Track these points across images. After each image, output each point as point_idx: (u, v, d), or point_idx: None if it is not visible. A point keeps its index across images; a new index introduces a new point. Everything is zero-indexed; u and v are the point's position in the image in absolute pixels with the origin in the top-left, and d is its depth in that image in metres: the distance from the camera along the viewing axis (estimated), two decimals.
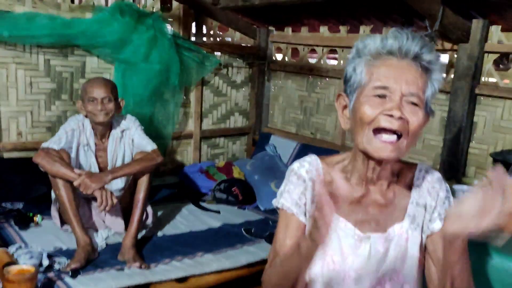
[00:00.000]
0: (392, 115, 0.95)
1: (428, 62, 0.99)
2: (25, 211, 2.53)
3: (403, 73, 0.97)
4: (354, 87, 1.03)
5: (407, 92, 0.96)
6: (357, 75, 1.02)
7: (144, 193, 2.30)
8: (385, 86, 0.97)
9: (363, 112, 0.98)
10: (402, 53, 0.99)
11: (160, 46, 3.07)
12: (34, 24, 2.64)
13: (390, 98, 0.97)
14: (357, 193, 1.09)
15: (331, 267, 1.09)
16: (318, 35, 3.33)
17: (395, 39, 0.99)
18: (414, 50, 0.98)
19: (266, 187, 3.04)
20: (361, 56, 1.02)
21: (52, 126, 2.92)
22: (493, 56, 2.46)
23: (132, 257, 2.10)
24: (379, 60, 1.00)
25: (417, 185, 1.11)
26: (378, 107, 0.97)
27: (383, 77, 0.98)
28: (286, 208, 1.11)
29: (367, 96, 0.99)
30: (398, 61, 0.99)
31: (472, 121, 2.56)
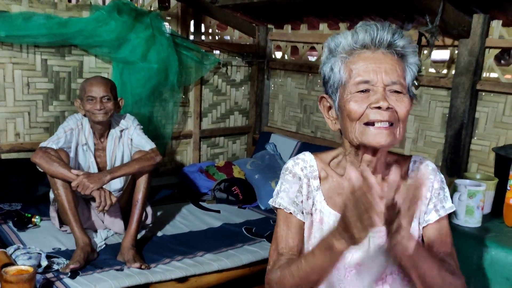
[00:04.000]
0: (380, 107, 0.96)
1: (402, 48, 1.00)
2: (23, 212, 2.51)
3: (380, 63, 0.98)
4: (335, 87, 1.04)
5: (389, 81, 0.98)
6: (336, 74, 1.02)
7: (143, 193, 2.28)
8: (366, 80, 0.98)
9: (350, 109, 0.99)
10: (375, 44, 0.99)
11: (158, 45, 3.05)
12: (31, 24, 2.62)
13: (373, 91, 0.98)
14: None
15: None
16: (318, 32, 3.31)
17: (365, 32, 0.99)
18: (387, 38, 0.99)
19: (267, 186, 3.02)
20: (336, 55, 1.02)
21: (50, 126, 2.91)
22: (494, 51, 2.44)
23: (132, 257, 2.08)
24: (354, 55, 1.00)
25: (412, 177, 1.11)
26: (364, 102, 0.98)
27: (362, 71, 0.98)
28: (283, 207, 1.11)
29: (350, 93, 0.99)
30: (373, 53, 0.99)
31: (473, 117, 2.54)
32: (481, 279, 1.72)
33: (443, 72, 2.66)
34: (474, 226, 1.83)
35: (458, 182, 1.85)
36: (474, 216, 1.82)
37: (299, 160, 1.14)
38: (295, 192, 1.11)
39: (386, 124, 0.98)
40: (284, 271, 1.03)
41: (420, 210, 1.09)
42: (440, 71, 2.67)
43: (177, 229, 2.55)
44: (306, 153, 1.15)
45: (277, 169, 3.19)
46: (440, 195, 1.11)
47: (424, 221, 1.10)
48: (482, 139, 2.53)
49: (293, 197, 1.11)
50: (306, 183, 1.12)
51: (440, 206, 1.10)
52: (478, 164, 2.55)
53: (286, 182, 1.13)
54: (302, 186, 1.11)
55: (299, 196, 1.11)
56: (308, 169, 1.12)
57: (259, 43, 3.68)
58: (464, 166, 2.56)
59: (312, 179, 1.11)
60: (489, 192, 1.94)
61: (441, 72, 2.67)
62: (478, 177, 2.05)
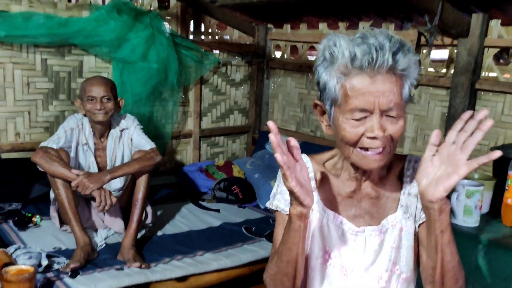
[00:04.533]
0: (375, 137, 0.94)
1: (403, 70, 0.93)
2: (24, 211, 2.52)
3: (378, 88, 0.92)
4: (329, 101, 0.99)
5: (386, 107, 0.93)
6: (330, 90, 0.97)
7: (143, 192, 2.28)
8: (363, 108, 0.93)
9: (344, 135, 0.97)
10: (374, 69, 0.91)
11: (158, 44, 3.05)
12: (31, 24, 2.63)
13: (370, 118, 0.94)
14: (348, 189, 1.09)
15: (329, 263, 1.11)
16: (317, 32, 3.31)
17: (363, 53, 0.90)
18: (388, 63, 0.91)
19: (266, 186, 3.03)
20: (332, 68, 0.95)
21: (50, 126, 2.91)
22: (493, 50, 2.45)
23: (132, 257, 2.08)
24: (350, 77, 0.93)
25: (408, 176, 1.11)
26: (359, 128, 0.95)
27: (358, 96, 0.93)
28: (281, 209, 1.12)
29: (346, 119, 0.96)
30: (370, 78, 0.92)
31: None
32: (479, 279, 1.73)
33: (442, 71, 2.66)
34: (472, 226, 1.83)
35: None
36: (472, 216, 1.83)
37: None
38: None
39: (380, 150, 0.96)
40: (271, 262, 1.08)
41: (416, 208, 1.10)
42: (439, 71, 2.68)
43: (177, 228, 2.55)
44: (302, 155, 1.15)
45: (277, 168, 3.15)
46: None
47: (420, 218, 1.10)
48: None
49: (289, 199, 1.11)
50: None
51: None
52: None
53: (282, 185, 1.12)
54: None
55: None
56: None
57: (259, 42, 3.68)
58: None
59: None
60: (487, 192, 1.95)
61: (440, 71, 2.67)
62: (476, 177, 2.06)
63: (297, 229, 0.97)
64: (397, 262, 1.10)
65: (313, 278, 1.11)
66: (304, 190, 0.91)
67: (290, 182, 0.89)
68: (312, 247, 1.10)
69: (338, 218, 1.10)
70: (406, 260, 1.10)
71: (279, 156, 0.86)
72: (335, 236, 1.10)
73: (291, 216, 0.97)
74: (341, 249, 1.10)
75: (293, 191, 0.91)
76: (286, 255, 1.01)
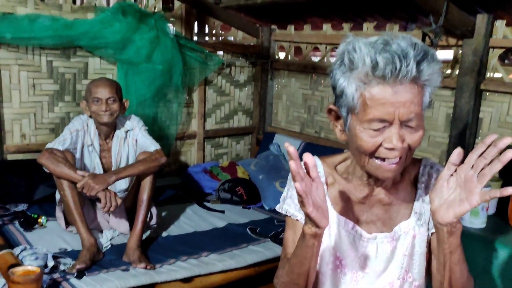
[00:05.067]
0: (393, 148, 0.91)
1: (426, 80, 0.89)
2: (29, 212, 2.53)
3: (399, 99, 0.88)
4: (346, 108, 0.95)
5: (406, 118, 0.90)
6: (348, 97, 0.92)
7: (148, 193, 2.29)
8: (382, 119, 0.90)
9: (361, 144, 0.93)
10: (396, 79, 0.87)
11: (163, 46, 3.06)
12: (36, 26, 2.64)
13: (388, 128, 0.91)
14: (360, 194, 1.07)
15: (340, 269, 1.09)
16: (321, 33, 3.31)
17: (387, 62, 0.86)
18: (412, 73, 0.86)
19: (271, 187, 3.03)
20: (351, 75, 0.91)
21: (56, 127, 2.92)
22: (498, 51, 2.44)
23: (137, 258, 2.09)
24: (370, 85, 0.89)
25: (422, 182, 1.09)
26: (377, 138, 0.92)
27: (378, 109, 0.89)
28: (290, 214, 1.10)
29: (363, 128, 0.92)
30: (392, 88, 0.87)
31: (477, 117, 2.53)
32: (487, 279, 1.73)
33: (447, 72, 2.66)
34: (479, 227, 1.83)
35: None
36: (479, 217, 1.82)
37: None
38: None
39: (397, 160, 0.94)
40: (283, 269, 1.06)
41: (429, 215, 1.07)
42: (444, 71, 2.67)
43: (182, 229, 2.56)
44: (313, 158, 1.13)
45: (281, 169, 3.19)
46: None
47: (432, 227, 1.07)
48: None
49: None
50: None
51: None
52: None
53: (293, 189, 1.10)
54: None
55: None
56: None
57: (263, 43, 3.69)
58: None
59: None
60: None
61: (445, 72, 2.66)
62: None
63: (311, 246, 0.95)
64: (410, 270, 1.08)
65: (324, 284, 1.10)
66: (320, 213, 0.89)
67: (307, 209, 0.87)
68: (323, 253, 1.08)
69: (349, 223, 1.08)
70: (418, 268, 1.08)
71: (298, 185, 0.84)
72: (346, 242, 1.08)
73: (305, 233, 0.94)
74: (352, 255, 1.08)
75: (309, 216, 0.88)
76: (298, 267, 1.00)
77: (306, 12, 3.51)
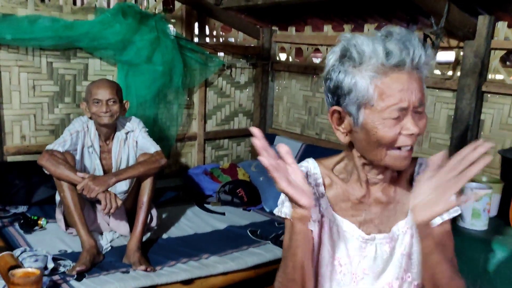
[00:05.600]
0: (412, 134, 0.94)
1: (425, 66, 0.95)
2: (29, 214, 2.52)
3: (409, 84, 0.91)
4: (357, 103, 0.94)
5: (416, 103, 0.93)
6: (360, 91, 0.92)
7: (148, 195, 2.28)
8: (402, 106, 0.91)
9: (383, 136, 0.94)
10: (413, 66, 0.91)
11: (163, 47, 3.06)
12: (37, 27, 2.64)
13: (404, 115, 0.93)
14: (358, 193, 1.07)
15: (339, 270, 1.09)
16: (322, 34, 3.31)
17: (401, 49, 0.90)
18: (423, 58, 0.92)
19: (271, 189, 3.02)
20: (361, 69, 0.92)
21: (56, 129, 2.92)
22: (499, 52, 2.43)
23: (137, 260, 2.08)
24: (386, 76, 0.91)
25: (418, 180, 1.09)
26: (396, 127, 0.93)
27: (397, 97, 0.91)
28: (289, 217, 1.09)
29: (383, 118, 0.92)
30: (407, 74, 0.91)
31: (479, 118, 2.53)
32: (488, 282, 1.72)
33: (449, 73, 2.65)
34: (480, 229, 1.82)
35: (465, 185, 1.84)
36: (481, 219, 1.82)
37: (302, 167, 1.11)
38: None
39: (410, 147, 0.96)
40: (280, 270, 1.07)
41: None
42: (446, 73, 2.67)
43: (182, 231, 2.55)
44: (309, 160, 1.13)
45: None
46: None
47: None
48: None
49: None
50: None
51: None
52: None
53: None
54: None
55: None
56: (312, 177, 1.10)
57: (263, 45, 3.68)
58: None
59: (317, 186, 1.10)
60: (495, 195, 1.94)
61: (447, 73, 2.66)
62: (484, 180, 2.05)
63: (299, 231, 0.96)
64: (409, 270, 1.08)
65: (323, 286, 1.10)
66: (298, 190, 0.90)
67: (280, 184, 0.88)
68: (321, 254, 1.09)
69: (347, 225, 1.08)
70: (417, 267, 1.08)
71: (263, 159, 0.86)
72: (344, 243, 1.08)
73: (293, 220, 0.96)
74: (351, 256, 1.08)
75: (285, 192, 0.90)
76: (291, 260, 1.00)
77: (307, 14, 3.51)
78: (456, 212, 1.09)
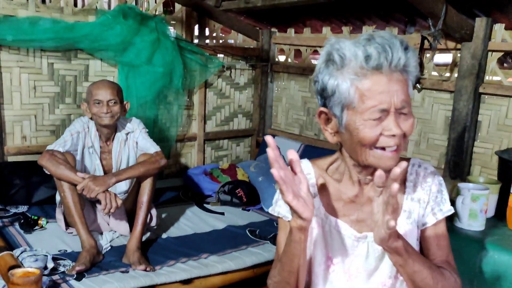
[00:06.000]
0: (394, 135, 0.94)
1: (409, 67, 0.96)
2: (30, 214, 2.53)
3: (391, 86, 0.93)
4: (341, 105, 0.97)
5: (399, 104, 0.94)
6: (342, 93, 0.95)
7: (148, 195, 2.29)
8: (382, 108, 0.93)
9: (363, 137, 0.95)
10: (391, 68, 0.93)
11: (163, 48, 3.07)
12: (38, 28, 2.65)
13: (385, 117, 0.94)
14: (351, 193, 1.09)
15: (332, 268, 1.11)
16: (321, 36, 3.33)
17: (379, 52, 0.91)
18: (403, 60, 0.93)
19: (270, 189, 3.03)
20: (343, 71, 0.94)
21: (56, 129, 2.94)
22: (497, 54, 2.45)
23: (137, 260, 2.09)
24: (365, 77, 0.93)
25: (411, 180, 1.10)
26: (377, 128, 0.95)
27: (377, 99, 0.93)
28: (282, 216, 1.12)
29: (363, 120, 0.95)
30: (387, 76, 0.93)
31: (476, 120, 2.54)
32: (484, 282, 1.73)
33: (446, 75, 2.67)
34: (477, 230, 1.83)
35: (462, 186, 1.86)
36: (478, 220, 1.83)
37: None
38: None
39: (395, 147, 0.97)
40: (275, 269, 1.08)
41: (418, 213, 1.09)
42: (443, 75, 2.68)
43: (182, 231, 2.56)
44: (303, 161, 1.14)
45: None
46: (438, 198, 1.10)
47: (421, 224, 1.10)
48: (485, 142, 2.54)
49: None
50: None
51: (437, 209, 1.09)
52: (481, 167, 2.55)
53: None
54: None
55: None
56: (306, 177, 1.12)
57: (263, 46, 3.70)
58: (467, 169, 2.57)
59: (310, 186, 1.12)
60: (492, 196, 1.95)
61: (444, 75, 2.68)
62: (481, 180, 2.06)
63: (298, 241, 0.97)
64: None
65: (317, 285, 1.11)
66: (302, 203, 0.90)
67: (286, 197, 0.88)
68: (315, 253, 1.10)
69: (340, 224, 1.09)
70: None
71: (275, 171, 0.85)
72: (337, 242, 1.09)
73: (291, 228, 0.96)
74: (344, 255, 1.09)
75: (290, 205, 0.90)
76: (288, 265, 1.01)
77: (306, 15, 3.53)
78: (450, 211, 1.11)
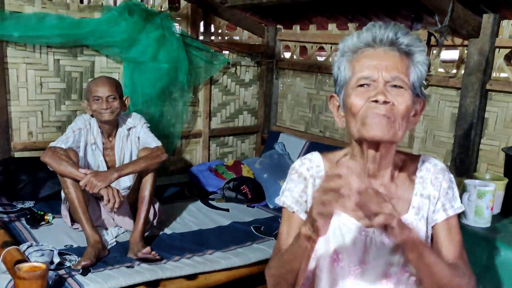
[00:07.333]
0: (377, 101, 0.98)
1: (407, 45, 1.02)
2: (36, 209, 2.55)
3: (382, 60, 1.01)
4: (341, 85, 1.07)
5: (388, 77, 1.00)
6: (341, 73, 1.06)
7: (150, 190, 2.30)
8: (367, 76, 1.01)
9: (351, 103, 1.02)
10: (377, 42, 1.02)
11: (169, 45, 3.08)
12: (44, 24, 2.67)
13: (373, 86, 1.00)
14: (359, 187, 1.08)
15: (336, 262, 1.11)
16: (327, 32, 3.31)
17: (368, 31, 1.03)
18: (388, 36, 1.01)
19: (275, 185, 3.03)
20: (343, 55, 1.06)
21: (62, 125, 2.95)
22: (504, 51, 2.43)
23: (141, 247, 2.11)
24: (358, 54, 1.04)
25: (421, 176, 1.11)
26: (364, 96, 1.00)
27: (364, 67, 1.02)
28: (287, 206, 1.13)
29: (352, 88, 1.03)
30: (375, 50, 1.02)
31: (483, 117, 2.52)
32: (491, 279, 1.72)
33: (453, 72, 2.65)
34: (483, 227, 1.82)
35: (468, 182, 1.85)
36: (484, 217, 1.82)
37: (306, 160, 1.15)
38: (299, 192, 1.12)
39: (386, 119, 0.98)
40: (274, 260, 1.09)
41: (428, 210, 1.09)
42: (450, 71, 2.66)
43: (187, 227, 2.57)
44: (314, 153, 1.16)
45: (286, 168, 3.16)
46: (449, 195, 1.10)
47: (432, 220, 1.10)
48: (491, 139, 2.52)
49: (297, 196, 1.12)
50: (312, 183, 1.12)
51: (448, 206, 1.10)
52: (487, 164, 2.54)
53: (292, 182, 1.14)
54: (308, 186, 1.12)
55: (303, 195, 1.12)
56: (315, 169, 1.12)
57: (268, 43, 3.69)
58: (473, 166, 2.55)
59: (319, 179, 1.12)
60: (498, 192, 1.93)
61: (451, 72, 2.66)
62: (487, 177, 2.05)
63: (304, 248, 0.97)
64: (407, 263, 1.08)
65: (321, 279, 1.11)
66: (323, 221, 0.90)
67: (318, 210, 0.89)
68: (318, 246, 1.09)
69: (347, 218, 1.09)
70: None
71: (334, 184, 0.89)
72: (343, 236, 1.09)
73: (300, 233, 0.96)
74: (350, 249, 1.09)
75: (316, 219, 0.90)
76: (289, 264, 1.01)
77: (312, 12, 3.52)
78: (461, 208, 1.11)
